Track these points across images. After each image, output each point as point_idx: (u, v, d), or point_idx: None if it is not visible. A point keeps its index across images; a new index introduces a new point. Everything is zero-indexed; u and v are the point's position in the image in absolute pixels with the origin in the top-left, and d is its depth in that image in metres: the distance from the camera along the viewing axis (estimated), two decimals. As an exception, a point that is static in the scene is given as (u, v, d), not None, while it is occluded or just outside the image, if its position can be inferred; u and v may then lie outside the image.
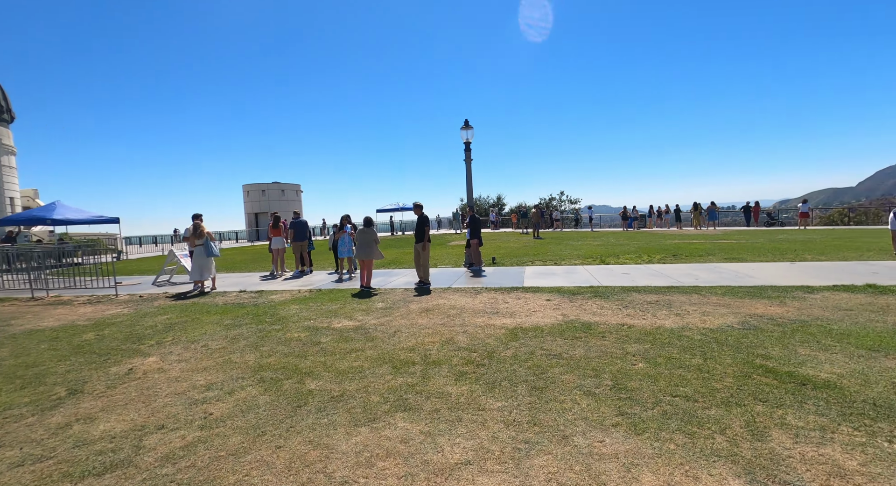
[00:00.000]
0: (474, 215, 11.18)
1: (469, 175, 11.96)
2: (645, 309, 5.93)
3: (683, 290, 7.10)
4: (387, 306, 6.91)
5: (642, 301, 6.41)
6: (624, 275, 8.94)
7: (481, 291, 7.90)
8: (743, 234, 19.27)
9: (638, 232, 23.95)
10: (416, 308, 6.68)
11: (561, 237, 21.26)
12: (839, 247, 12.23)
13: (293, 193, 37.32)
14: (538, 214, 22.20)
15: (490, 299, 7.14)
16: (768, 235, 17.58)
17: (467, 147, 11.94)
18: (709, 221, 24.13)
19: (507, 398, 3.30)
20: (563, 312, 6.00)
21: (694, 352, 4.12)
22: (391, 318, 6.12)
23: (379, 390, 3.57)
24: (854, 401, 2.99)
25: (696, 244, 14.64)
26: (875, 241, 13.56)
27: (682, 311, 5.73)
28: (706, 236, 18.30)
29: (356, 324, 5.84)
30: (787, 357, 3.87)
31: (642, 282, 8.00)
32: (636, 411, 3.00)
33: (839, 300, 5.92)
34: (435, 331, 5.30)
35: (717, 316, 5.39)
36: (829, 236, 15.95)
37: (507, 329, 5.23)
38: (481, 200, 45.18)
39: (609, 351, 4.26)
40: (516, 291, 7.74)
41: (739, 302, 6.08)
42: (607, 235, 21.31)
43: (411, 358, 4.33)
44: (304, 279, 10.68)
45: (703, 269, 9.31)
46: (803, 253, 11.21)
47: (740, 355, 3.99)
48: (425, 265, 8.73)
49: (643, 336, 4.70)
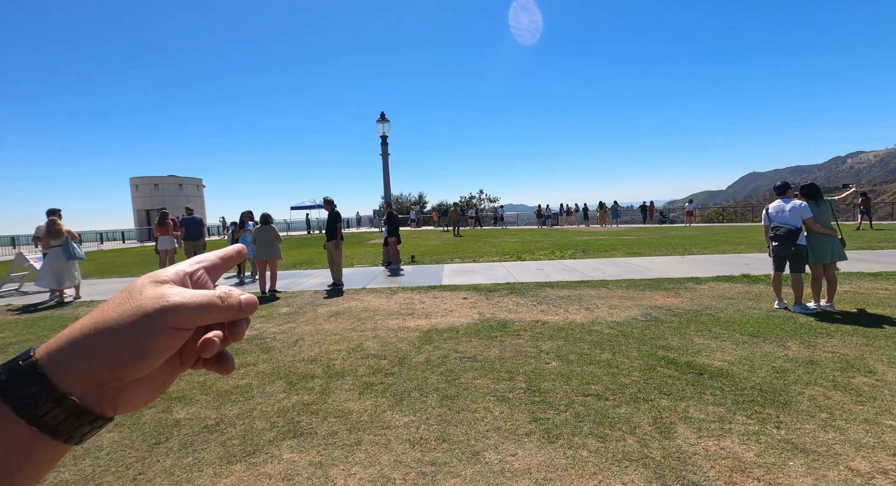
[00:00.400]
0: (392, 213, 10.76)
1: (386, 171, 11.51)
2: (558, 304, 6.00)
3: (592, 284, 7.37)
4: (292, 312, 6.25)
5: (556, 296, 6.50)
6: (538, 271, 9.13)
7: (397, 290, 7.52)
8: (641, 231, 21.15)
9: (551, 229, 25.24)
10: (325, 312, 6.11)
11: (480, 235, 21.62)
12: (718, 242, 13.82)
13: (193, 188, 33.68)
14: (458, 212, 22.37)
15: (406, 299, 6.80)
16: (661, 232, 19.46)
17: (384, 141, 11.47)
18: (612, 219, 26.21)
19: (416, 412, 2.98)
20: (480, 310, 5.85)
21: (603, 347, 4.14)
22: (295, 324, 5.50)
23: (266, 413, 3.05)
24: (744, 388, 3.13)
25: (602, 241, 15.66)
26: (743, 236, 15.57)
27: (592, 305, 5.88)
28: (610, 233, 19.76)
29: (251, 333, 5.14)
30: (685, 347, 4.04)
31: (555, 277, 8.21)
32: (549, 415, 2.85)
33: (722, 290, 6.51)
34: (343, 337, 4.82)
35: (622, 309, 5.59)
36: (709, 233, 18.05)
37: (422, 331, 4.92)
38: (403, 197, 44.73)
39: (524, 350, 4.14)
40: (434, 290, 7.49)
41: (641, 294, 6.42)
42: (523, 233, 22.12)
43: (311, 371, 3.83)
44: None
45: (609, 263, 9.86)
46: (691, 248, 12.45)
47: (645, 347, 4.09)
48: (338, 265, 8.13)
49: (556, 332, 4.67)
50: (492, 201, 42.18)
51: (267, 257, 7.64)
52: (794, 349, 3.89)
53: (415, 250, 14.40)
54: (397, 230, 10.70)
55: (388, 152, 11.65)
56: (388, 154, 11.66)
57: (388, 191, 11.53)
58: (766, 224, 5.41)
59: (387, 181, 11.57)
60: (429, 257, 12.40)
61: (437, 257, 12.29)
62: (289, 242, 22.49)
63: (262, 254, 7.62)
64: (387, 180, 11.58)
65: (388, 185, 11.56)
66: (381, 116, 11.32)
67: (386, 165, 11.60)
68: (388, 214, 10.71)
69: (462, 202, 41.66)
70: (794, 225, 5.07)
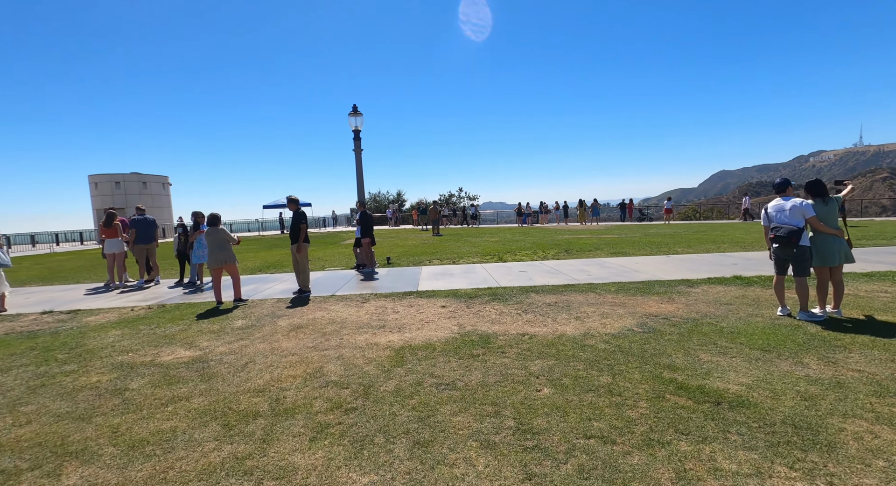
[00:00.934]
0: (365, 212, 10.08)
1: (359, 167, 10.79)
2: (545, 313, 5.46)
3: (580, 288, 6.88)
4: (248, 325, 5.53)
5: (542, 303, 5.98)
6: (521, 273, 8.61)
7: (369, 298, 6.86)
8: (621, 228, 20.99)
9: (532, 228, 24.91)
10: (286, 325, 5.42)
11: (460, 234, 21.07)
12: (700, 240, 13.64)
13: (159, 186, 31.99)
14: (437, 210, 21.77)
15: (378, 308, 6.16)
16: (642, 230, 19.31)
17: (356, 136, 10.75)
18: (592, 217, 26.07)
19: (379, 468, 2.36)
20: (460, 321, 5.26)
21: (601, 367, 3.61)
22: (248, 342, 4.79)
23: (185, 473, 2.38)
24: (773, 422, 2.63)
25: (584, 239, 15.32)
26: (724, 234, 15.49)
27: (582, 313, 5.37)
28: (592, 231, 19.50)
29: (194, 354, 4.42)
30: (693, 366, 3.55)
31: (540, 281, 7.69)
32: (547, 468, 2.28)
33: (717, 294, 6.10)
34: (301, 359, 4.16)
35: (615, 318, 5.10)
36: (689, 230, 17.97)
37: (393, 350, 4.30)
38: (381, 196, 43.83)
39: (510, 373, 3.57)
40: (409, 296, 6.86)
41: (633, 300, 5.95)
42: (504, 232, 21.68)
43: (256, 406, 3.16)
44: (149, 292, 8.55)
45: (593, 264, 9.43)
46: (675, 246, 12.19)
47: (647, 367, 3.58)
48: (304, 270, 7.41)
49: (546, 348, 4.13)
50: (471, 199, 41.75)
51: (216, 263, 6.83)
52: (814, 368, 3.44)
53: (391, 251, 13.72)
54: (371, 231, 10.02)
55: (362, 148, 10.93)
56: (362, 149, 10.95)
57: (362, 188, 10.82)
58: (765, 225, 4.99)
59: (360, 178, 10.86)
60: (406, 259, 11.75)
61: (415, 259, 11.66)
62: (260, 243, 21.44)
63: (212, 261, 6.82)
64: (360, 177, 10.86)
65: (362, 182, 10.85)
66: (353, 108, 10.59)
67: (359, 161, 10.89)
68: (361, 214, 10.01)
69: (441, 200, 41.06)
70: (795, 225, 4.66)
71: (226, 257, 6.83)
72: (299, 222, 7.32)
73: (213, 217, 6.93)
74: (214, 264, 6.80)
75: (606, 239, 15.10)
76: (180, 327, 5.54)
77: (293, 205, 7.37)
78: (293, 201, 7.36)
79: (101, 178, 29.59)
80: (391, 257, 11.89)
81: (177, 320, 5.98)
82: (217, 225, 6.92)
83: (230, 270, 6.95)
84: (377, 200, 43.40)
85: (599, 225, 25.20)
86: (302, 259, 7.37)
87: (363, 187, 10.80)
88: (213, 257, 6.80)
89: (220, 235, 6.87)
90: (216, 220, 6.93)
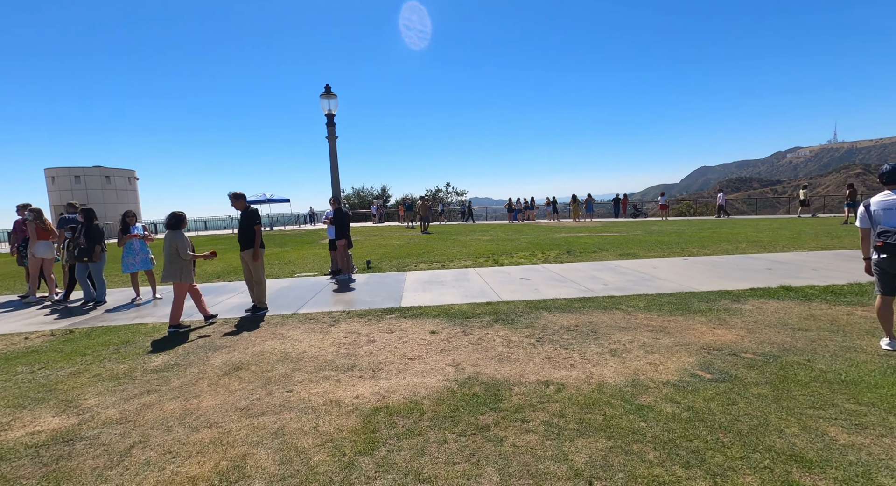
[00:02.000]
0: (340, 209, 8.63)
1: (334, 156, 9.31)
2: (567, 343, 4.15)
3: (600, 304, 5.59)
4: (168, 364, 4.08)
5: (559, 327, 4.66)
6: (524, 282, 7.29)
7: (339, 318, 5.45)
8: (618, 225, 19.89)
9: (524, 225, 23.68)
10: (220, 365, 3.99)
11: (448, 232, 19.71)
12: (711, 239, 12.53)
13: (124, 180, 29.77)
14: (426, 206, 20.33)
15: (349, 334, 4.76)
16: (641, 227, 18.21)
17: (330, 121, 9.26)
18: (586, 213, 24.95)
19: None
20: (456, 358, 3.91)
21: (684, 456, 2.30)
22: (155, 397, 3.36)
23: None
24: None
25: (583, 238, 14.09)
26: (733, 232, 14.45)
27: (616, 344, 4.07)
28: (589, 229, 18.33)
29: (63, 425, 2.97)
30: (830, 456, 2.26)
31: (548, 292, 6.39)
32: None
33: (776, 313, 4.87)
34: (220, 436, 2.75)
35: (664, 352, 3.80)
36: (692, 228, 16.91)
37: (362, 415, 2.93)
38: (364, 191, 42.17)
39: (543, 471, 2.23)
40: (390, 315, 5.47)
41: (674, 322, 4.67)
42: (495, 229, 20.39)
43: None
44: (78, 309, 6.97)
45: (605, 269, 8.17)
46: (686, 247, 11.03)
47: (756, 455, 2.29)
48: (260, 282, 5.95)
49: (585, 412, 2.80)
50: (459, 195, 40.41)
51: (171, 277, 5.29)
52: None
53: (373, 253, 12.29)
54: (347, 231, 8.58)
55: (336, 135, 9.45)
56: (337, 137, 9.46)
57: (337, 181, 9.35)
58: (863, 227, 3.75)
59: (334, 170, 9.38)
60: (389, 262, 10.34)
61: (399, 262, 10.26)
62: (229, 242, 19.71)
63: (167, 274, 5.26)
64: (334, 169, 9.39)
65: (337, 174, 9.38)
66: (326, 89, 9.09)
67: (333, 150, 9.40)
68: (336, 212, 8.56)
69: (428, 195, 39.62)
70: (914, 229, 3.43)
71: (170, 274, 5.27)
72: (251, 223, 5.85)
73: (173, 218, 5.31)
74: (168, 277, 5.26)
75: (608, 238, 13.91)
76: (73, 369, 4.06)
77: (240, 202, 5.87)
78: (238, 198, 5.85)
79: (58, 171, 27.26)
80: (372, 260, 10.47)
81: (77, 354, 4.49)
82: (177, 228, 5.32)
83: (174, 288, 5.39)
84: (361, 195, 41.72)
85: (593, 221, 24.09)
86: (257, 269, 5.90)
87: (338, 180, 9.33)
88: (167, 270, 5.25)
89: (174, 242, 5.26)
90: (176, 221, 5.30)
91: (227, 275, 9.53)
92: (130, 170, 30.42)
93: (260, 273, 5.92)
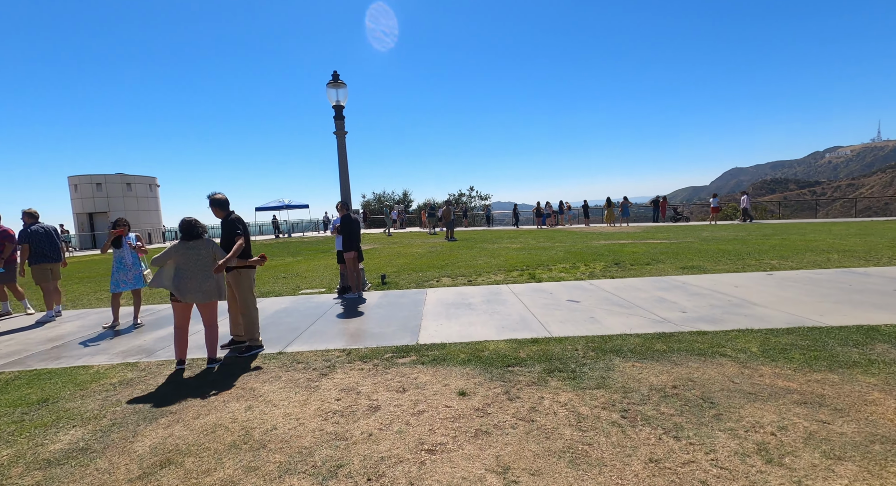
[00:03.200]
0: (349, 215, 7.32)
1: (342, 154, 8.03)
2: (676, 427, 2.63)
3: (691, 344, 4.03)
4: (72, 448, 2.78)
5: (649, 389, 3.14)
6: (574, 306, 5.77)
7: (336, 363, 4.07)
8: (662, 231, 17.98)
9: (554, 230, 21.99)
10: (142, 454, 2.66)
11: (474, 238, 18.24)
12: (786, 248, 10.64)
13: (145, 187, 29.62)
14: (450, 211, 18.92)
15: (344, 393, 3.37)
16: (691, 232, 16.29)
17: (338, 113, 7.99)
18: (622, 218, 23.04)
19: None
20: (501, 453, 2.46)
21: None
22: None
23: None
24: None
25: (628, 247, 12.38)
26: (806, 239, 12.47)
27: (760, 433, 2.53)
28: (629, 235, 16.52)
29: None
30: None
31: (611, 322, 4.86)
32: None
33: (981, 369, 3.21)
34: None
35: (862, 459, 2.25)
36: (752, 234, 14.93)
37: None
38: (386, 195, 41.19)
39: None
40: (403, 359, 4.06)
41: (828, 385, 3.09)
42: (525, 235, 18.81)
43: None
44: (36, 333, 5.84)
45: (672, 288, 6.56)
46: (760, 257, 9.24)
47: None
48: (245, 312, 4.57)
49: None
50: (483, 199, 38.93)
51: (203, 297, 4.05)
52: None
53: (391, 263, 10.96)
54: (357, 242, 7.26)
55: (346, 130, 8.18)
56: (346, 132, 8.20)
57: (346, 184, 8.07)
58: None
59: (343, 169, 8.11)
60: (408, 275, 8.98)
61: (420, 275, 8.88)
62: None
63: (189, 290, 4.02)
64: (343, 168, 8.11)
65: (346, 174, 8.09)
66: (334, 77, 7.83)
67: (342, 148, 8.13)
68: (343, 219, 7.25)
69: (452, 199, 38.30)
70: None
71: (214, 290, 4.09)
72: (231, 234, 4.52)
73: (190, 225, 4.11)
74: (196, 297, 4.03)
75: (657, 246, 12.15)
76: (-57, 453, 2.80)
77: (218, 211, 4.54)
78: (216, 204, 4.53)
79: (81, 179, 27.23)
80: (388, 273, 9.13)
81: (-27, 421, 3.25)
82: (199, 236, 4.16)
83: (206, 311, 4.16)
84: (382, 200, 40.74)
85: (630, 226, 22.16)
86: (243, 295, 4.56)
87: (348, 182, 8.04)
88: (195, 285, 4.02)
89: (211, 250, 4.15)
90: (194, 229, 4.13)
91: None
92: (151, 177, 30.28)
93: (247, 301, 4.56)
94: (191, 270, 4.00)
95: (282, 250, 17.36)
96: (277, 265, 12.33)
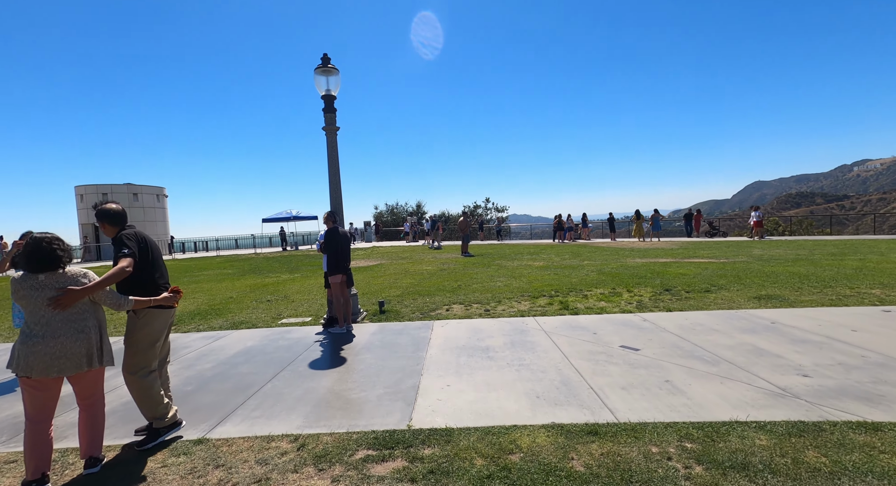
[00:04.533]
0: (336, 229, 5.85)
1: (333, 153, 6.61)
2: None
3: (868, 454, 2.37)
4: None
5: None
6: (632, 357, 4.13)
7: (272, 474, 2.52)
8: (701, 247, 16.08)
9: (578, 245, 20.22)
10: None
11: (490, 253, 16.63)
12: (872, 270, 8.75)
13: (152, 198, 28.97)
14: (466, 223, 17.33)
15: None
16: (737, 249, 14.37)
17: (328, 105, 6.60)
18: (652, 232, 21.14)
19: None
20: None
21: None
22: None
23: None
24: None
25: (672, 267, 10.60)
26: (886, 259, 10.51)
27: None
28: (667, 252, 14.68)
29: None
30: None
31: (704, 396, 3.21)
32: None
33: None
34: None
35: None
36: (813, 252, 12.97)
37: None
38: (399, 207, 40.00)
39: None
40: (379, 471, 2.48)
41: None
42: (547, 251, 17.11)
43: None
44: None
45: (760, 329, 4.85)
46: (850, 282, 7.41)
47: None
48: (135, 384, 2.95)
49: None
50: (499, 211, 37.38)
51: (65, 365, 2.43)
52: None
53: (396, 283, 9.45)
54: (346, 262, 5.78)
55: (338, 125, 6.78)
56: (338, 128, 6.79)
57: (338, 190, 6.63)
58: None
59: (334, 173, 6.68)
60: (411, 300, 7.44)
61: (426, 301, 7.33)
62: (244, 264, 17.57)
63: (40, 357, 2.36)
64: (334, 171, 6.68)
65: (337, 178, 6.66)
66: (323, 61, 6.47)
67: (332, 146, 6.72)
68: (328, 233, 5.79)
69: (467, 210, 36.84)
70: None
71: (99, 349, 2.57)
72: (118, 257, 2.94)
73: (35, 248, 2.44)
74: (59, 367, 2.42)
75: (708, 267, 10.34)
76: None
77: (108, 226, 3.07)
78: (107, 216, 3.04)
79: (87, 189, 26.68)
80: (390, 297, 7.61)
81: None
82: (55, 267, 2.50)
83: (85, 384, 2.60)
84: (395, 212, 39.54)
85: (662, 242, 20.24)
86: (130, 351, 3.01)
87: (339, 188, 6.59)
88: (55, 348, 2.41)
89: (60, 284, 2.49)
90: (46, 254, 2.47)
91: (209, 316, 6.92)
92: (160, 187, 29.66)
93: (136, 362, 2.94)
94: (43, 322, 2.47)
95: (281, 266, 16.05)
96: (269, 284, 10.96)
